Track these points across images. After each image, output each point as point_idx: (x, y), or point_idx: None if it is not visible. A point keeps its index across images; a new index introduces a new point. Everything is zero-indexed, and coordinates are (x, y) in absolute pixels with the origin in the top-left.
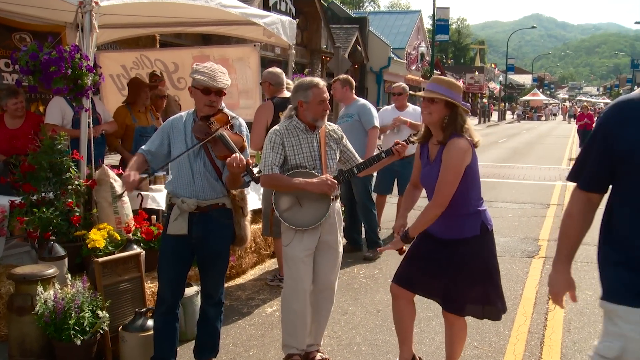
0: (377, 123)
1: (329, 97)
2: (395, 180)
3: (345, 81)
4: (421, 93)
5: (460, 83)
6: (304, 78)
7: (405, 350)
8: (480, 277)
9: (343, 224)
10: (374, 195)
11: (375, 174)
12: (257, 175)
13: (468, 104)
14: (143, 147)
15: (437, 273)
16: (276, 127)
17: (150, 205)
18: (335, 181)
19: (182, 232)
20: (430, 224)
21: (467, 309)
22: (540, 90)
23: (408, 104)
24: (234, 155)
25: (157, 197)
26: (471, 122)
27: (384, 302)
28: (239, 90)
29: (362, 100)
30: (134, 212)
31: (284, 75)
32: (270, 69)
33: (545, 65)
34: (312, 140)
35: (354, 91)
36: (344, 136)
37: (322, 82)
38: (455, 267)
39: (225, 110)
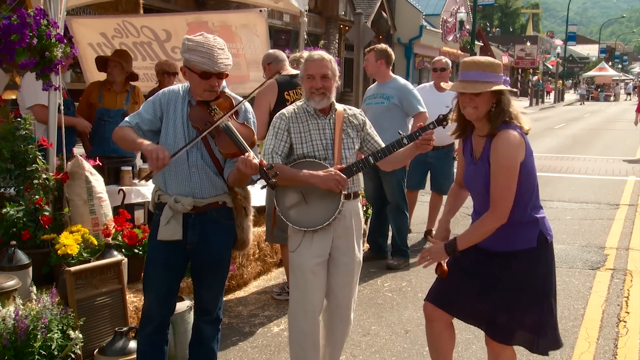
0: (423, 108)
1: (325, 74)
2: (428, 173)
3: (380, 53)
4: (461, 87)
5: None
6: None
7: None
8: (535, 299)
9: (364, 227)
10: None
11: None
12: (273, 180)
13: (508, 79)
14: (128, 119)
15: (481, 292)
16: (284, 110)
17: (133, 200)
18: (344, 176)
19: (176, 238)
20: (484, 237)
21: (517, 336)
22: (610, 63)
23: (450, 82)
24: (246, 155)
25: (142, 190)
26: (518, 104)
27: (414, 321)
28: (247, 61)
29: (401, 80)
30: (114, 211)
31: (280, 52)
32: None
33: (618, 32)
34: (324, 126)
35: (390, 67)
36: (367, 122)
37: (319, 56)
38: (506, 286)
39: (227, 91)
